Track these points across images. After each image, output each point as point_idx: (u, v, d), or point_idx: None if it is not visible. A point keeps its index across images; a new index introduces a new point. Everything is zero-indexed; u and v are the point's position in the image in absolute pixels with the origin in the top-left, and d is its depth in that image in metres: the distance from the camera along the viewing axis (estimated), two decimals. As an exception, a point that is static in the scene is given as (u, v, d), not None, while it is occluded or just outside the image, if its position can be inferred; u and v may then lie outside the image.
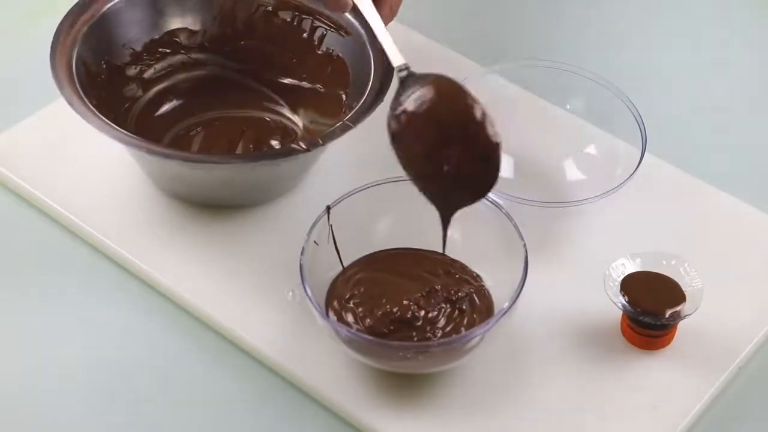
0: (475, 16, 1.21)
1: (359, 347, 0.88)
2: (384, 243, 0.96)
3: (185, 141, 1.04)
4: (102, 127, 0.94)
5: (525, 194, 0.97)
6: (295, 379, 0.91)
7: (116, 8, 1.03)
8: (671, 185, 1.04)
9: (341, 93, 1.04)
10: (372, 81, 1.00)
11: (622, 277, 0.92)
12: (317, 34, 1.06)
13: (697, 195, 1.04)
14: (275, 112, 1.06)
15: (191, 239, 0.99)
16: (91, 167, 1.04)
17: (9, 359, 0.93)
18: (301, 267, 0.89)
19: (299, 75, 1.07)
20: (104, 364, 0.93)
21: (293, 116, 1.07)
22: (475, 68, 1.05)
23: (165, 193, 1.02)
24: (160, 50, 1.06)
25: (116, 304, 0.97)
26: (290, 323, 0.94)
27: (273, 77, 1.08)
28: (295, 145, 0.94)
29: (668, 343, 0.93)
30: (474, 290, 0.93)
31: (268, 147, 1.04)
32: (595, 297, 0.93)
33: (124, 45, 1.04)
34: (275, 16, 1.07)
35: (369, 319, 0.90)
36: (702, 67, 1.17)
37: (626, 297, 0.91)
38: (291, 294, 0.89)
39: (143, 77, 1.06)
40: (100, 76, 1.02)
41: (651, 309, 0.91)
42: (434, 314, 0.91)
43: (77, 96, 0.96)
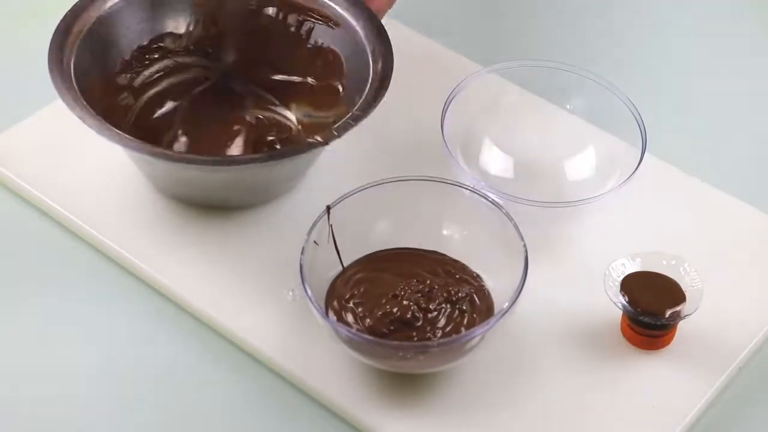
0: (475, 16, 1.21)
1: (359, 347, 0.88)
2: (384, 243, 0.96)
3: (181, 144, 1.04)
4: (103, 131, 0.94)
5: (525, 194, 0.97)
6: (295, 379, 0.91)
7: (108, 14, 1.03)
8: (671, 185, 1.04)
9: (336, 84, 1.04)
10: (372, 70, 0.99)
11: (622, 277, 0.92)
12: (305, 28, 1.06)
13: (697, 195, 1.04)
14: (268, 110, 1.06)
15: (192, 239, 0.99)
16: (92, 167, 1.04)
17: (9, 359, 0.93)
18: (301, 267, 0.89)
19: (289, 70, 1.07)
20: (104, 364, 0.93)
21: (286, 112, 1.07)
22: (475, 68, 1.05)
23: (165, 196, 1.02)
24: (148, 57, 1.06)
25: (116, 304, 0.97)
26: (290, 323, 0.94)
27: (263, 74, 1.07)
28: (312, 140, 0.94)
29: (668, 343, 0.93)
30: (474, 290, 0.93)
31: (266, 144, 1.04)
32: (595, 297, 0.93)
33: (115, 53, 1.04)
34: (260, 14, 1.06)
35: (369, 319, 0.90)
36: (702, 67, 1.17)
37: (626, 297, 0.91)
38: (291, 294, 0.89)
39: (134, 85, 1.06)
40: (95, 85, 1.01)
41: (651, 309, 0.91)
42: (434, 314, 0.91)
43: (78, 102, 0.96)
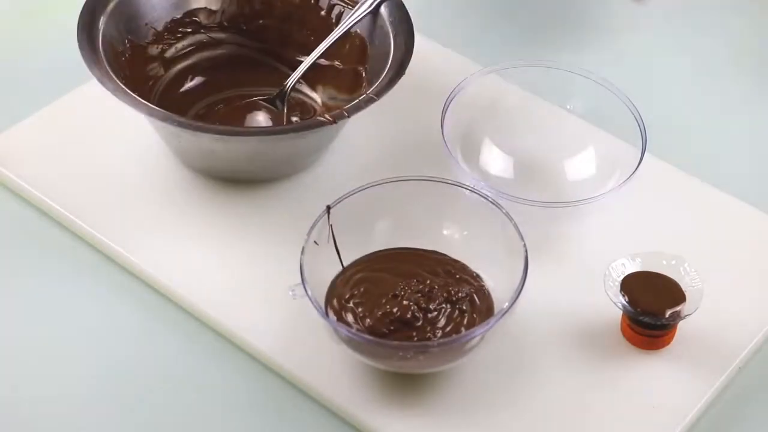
0: (475, 16, 1.21)
1: (359, 347, 0.88)
2: (384, 243, 0.96)
3: (207, 117, 1.06)
4: (134, 104, 0.96)
5: (525, 194, 0.97)
6: (295, 379, 0.91)
7: None
8: (671, 185, 1.04)
9: (360, 69, 1.05)
10: (392, 55, 1.01)
11: (622, 277, 0.92)
12: (335, 12, 1.07)
13: (697, 195, 1.04)
14: (294, 89, 1.07)
15: (192, 240, 0.99)
16: (92, 167, 1.04)
17: (9, 359, 0.93)
18: (302, 267, 0.89)
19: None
20: (104, 363, 0.93)
21: (312, 93, 1.08)
22: (476, 68, 1.05)
23: (189, 168, 1.03)
24: (181, 30, 1.08)
25: (116, 304, 0.97)
26: (291, 322, 0.94)
27: (291, 55, 1.09)
28: (322, 118, 0.96)
29: (668, 343, 0.93)
30: (474, 290, 0.93)
31: (289, 123, 1.05)
32: (595, 297, 0.93)
33: (147, 24, 1.06)
34: None
35: (369, 319, 0.90)
36: (702, 67, 1.17)
37: (626, 297, 0.91)
38: (292, 292, 0.89)
39: (165, 56, 1.08)
40: (125, 55, 1.04)
41: (651, 309, 0.91)
42: (434, 314, 0.91)
43: (107, 74, 0.98)
